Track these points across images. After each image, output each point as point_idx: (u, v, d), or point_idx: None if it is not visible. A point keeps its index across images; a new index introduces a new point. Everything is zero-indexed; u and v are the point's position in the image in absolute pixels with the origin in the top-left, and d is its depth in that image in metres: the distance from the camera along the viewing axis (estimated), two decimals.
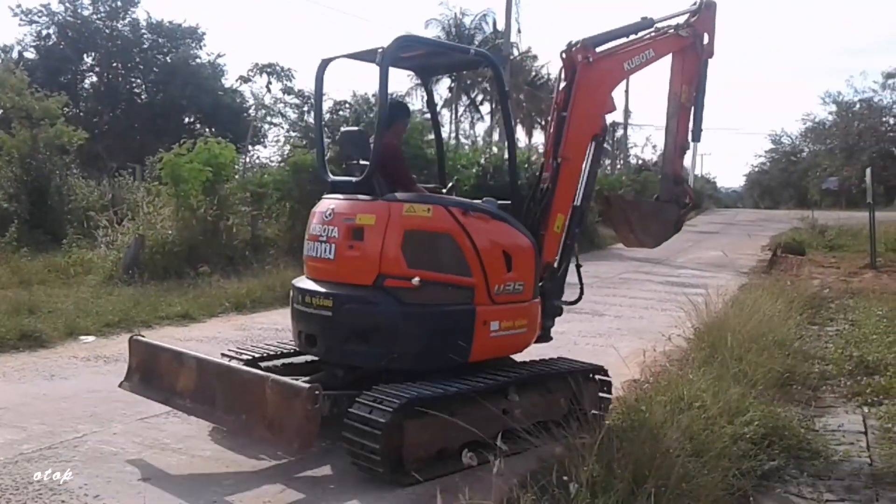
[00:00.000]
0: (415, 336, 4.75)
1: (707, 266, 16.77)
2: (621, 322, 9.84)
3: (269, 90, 17.66)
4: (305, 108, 17.39)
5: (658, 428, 4.16)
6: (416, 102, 41.60)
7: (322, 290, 4.91)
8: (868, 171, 20.79)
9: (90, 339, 8.44)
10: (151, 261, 12.34)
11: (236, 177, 15.47)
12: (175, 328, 9.22)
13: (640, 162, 49.17)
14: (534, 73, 53.40)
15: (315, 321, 4.92)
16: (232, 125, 28.99)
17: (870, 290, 13.04)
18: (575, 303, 5.97)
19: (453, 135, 39.44)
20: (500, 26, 32.96)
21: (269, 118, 18.20)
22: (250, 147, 18.60)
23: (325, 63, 5.66)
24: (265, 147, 18.71)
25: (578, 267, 5.90)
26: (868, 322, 9.32)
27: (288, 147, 16.93)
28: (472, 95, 52.07)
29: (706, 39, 6.33)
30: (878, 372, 7.04)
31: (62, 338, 8.30)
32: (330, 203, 5.08)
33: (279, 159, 17.02)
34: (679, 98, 6.32)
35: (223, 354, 5.68)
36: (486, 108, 52.39)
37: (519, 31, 39.08)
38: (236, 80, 30.50)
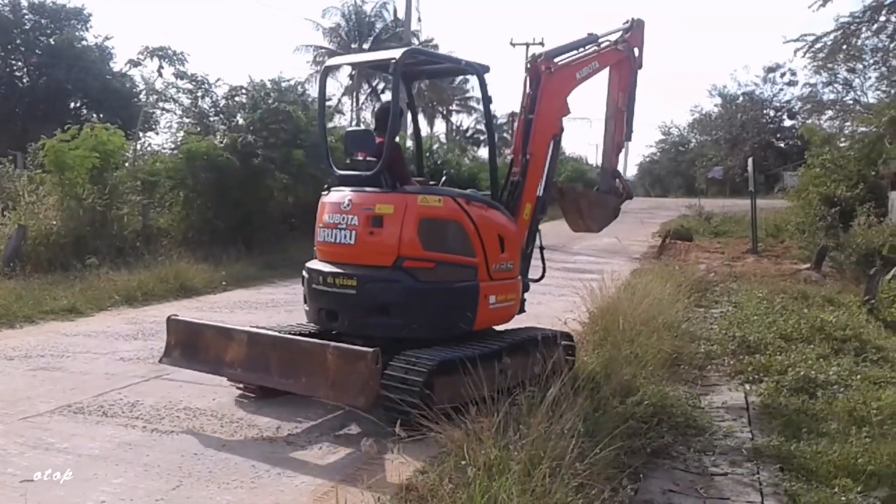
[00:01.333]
0: (430, 309, 5.43)
1: (602, 252, 17.27)
2: None
3: (160, 74, 16.92)
4: (199, 94, 16.75)
5: (553, 409, 4.27)
6: (316, 90, 41.05)
7: (345, 271, 5.52)
8: (750, 160, 21.93)
9: None
10: (35, 253, 11.70)
11: (126, 164, 14.80)
12: (60, 323, 8.79)
13: None
14: None
15: (338, 299, 5.54)
16: (121, 111, 27.76)
17: (751, 273, 13.78)
18: (539, 280, 6.65)
19: (354, 123, 38.99)
20: (402, 15, 32.74)
21: (160, 104, 17.46)
22: (141, 134, 17.83)
23: (327, 70, 6.68)
24: (157, 134, 18.10)
25: (542, 249, 6.66)
26: (750, 304, 9.84)
27: (181, 134, 16.29)
28: (374, 84, 51.72)
29: (637, 53, 7.31)
30: (759, 351, 7.45)
31: None
32: (345, 195, 5.68)
33: (172, 146, 16.36)
34: (616, 103, 7.22)
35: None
36: (386, 97, 52.04)
37: (419, 19, 39.10)
38: (125, 64, 29.19)
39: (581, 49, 6.69)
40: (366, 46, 48.36)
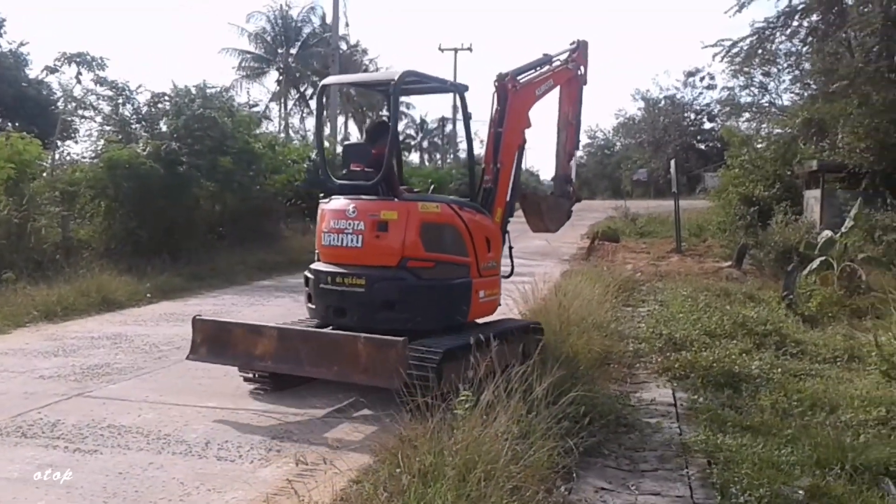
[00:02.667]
0: (431, 304, 6.01)
1: (533, 255, 17.45)
2: None
3: (79, 81, 16.31)
4: (120, 101, 16.24)
5: (487, 412, 4.29)
6: (242, 96, 40.39)
7: (354, 271, 6.05)
8: (672, 162, 22.54)
9: None
10: None
11: (44, 175, 14.27)
12: None
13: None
14: (364, 67, 53.23)
15: (347, 296, 6.06)
16: (38, 119, 26.63)
17: (676, 272, 14.16)
18: (508, 276, 7.13)
19: (282, 129, 38.53)
20: (330, 19, 32.50)
21: (80, 111, 16.85)
22: (59, 142, 17.18)
23: (324, 88, 7.40)
24: (77, 142, 17.40)
25: (510, 248, 7.15)
26: (675, 302, 10.10)
27: (102, 142, 15.76)
28: (302, 89, 51.18)
29: (582, 71, 8.02)
30: (685, 348, 7.65)
31: None
32: (348, 203, 6.18)
33: (93, 155, 15.81)
34: (567, 117, 7.92)
35: None
36: (315, 103, 51.52)
37: (347, 24, 38.84)
38: (42, 71, 27.99)
39: (538, 68, 7.32)
40: (293, 51, 47.88)
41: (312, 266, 6.44)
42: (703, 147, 59.08)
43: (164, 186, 14.35)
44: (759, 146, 20.04)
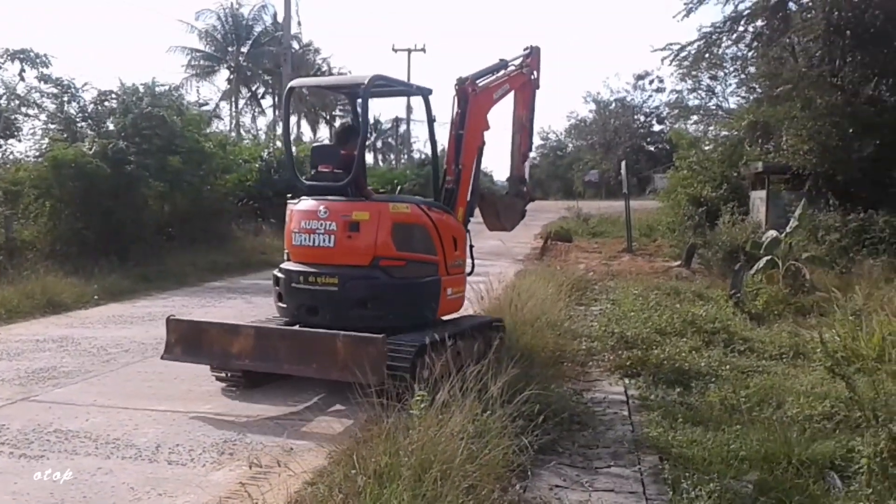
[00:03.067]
0: (403, 301, 6.18)
1: (487, 255, 17.43)
2: None
3: (22, 78, 15.86)
4: (65, 98, 15.83)
5: (443, 412, 4.29)
6: (192, 94, 39.74)
7: (326, 271, 6.14)
8: (623, 164, 22.90)
9: None
10: None
11: None
12: None
13: (424, 156, 50.31)
14: (317, 67, 52.80)
15: (319, 295, 6.15)
16: None
17: (627, 271, 14.36)
18: (469, 274, 7.29)
19: (233, 128, 38.00)
20: (281, 18, 32.16)
21: (23, 109, 16.37)
22: (2, 141, 16.65)
23: (291, 90, 7.38)
24: (20, 141, 16.89)
25: (471, 247, 7.34)
26: (626, 301, 10.23)
27: (46, 140, 15.34)
28: (253, 88, 50.57)
29: (535, 75, 8.20)
30: (636, 346, 7.75)
31: None
32: (319, 203, 6.25)
33: (37, 154, 15.37)
34: (521, 120, 8.13)
35: None
36: (267, 102, 51.01)
37: (299, 23, 38.47)
38: None
39: (495, 72, 7.51)
40: (244, 50, 47.29)
41: (283, 266, 6.50)
42: (652, 149, 59.98)
43: (111, 186, 14.04)
44: (706, 148, 20.42)
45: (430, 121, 7.27)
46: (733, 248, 13.24)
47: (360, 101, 6.69)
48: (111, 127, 15.70)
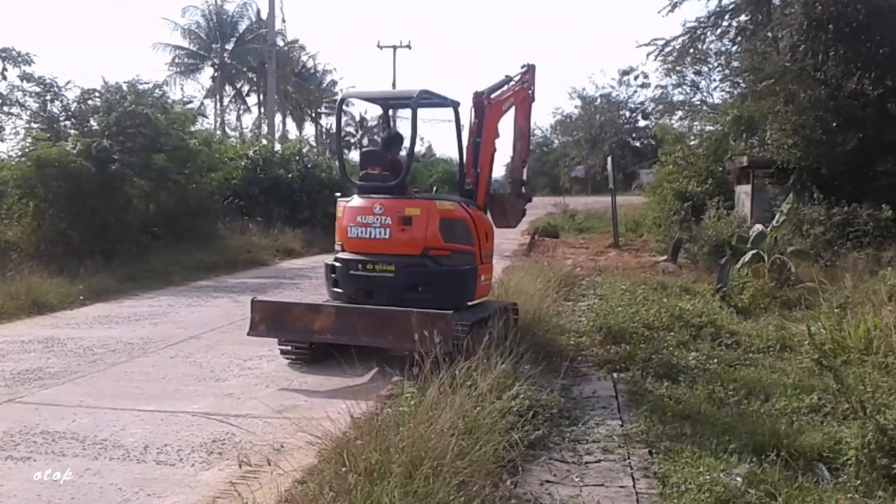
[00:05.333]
0: (447, 286, 7.00)
1: None
2: None
3: (4, 77, 15.66)
4: (48, 97, 15.67)
5: (433, 408, 4.29)
6: (176, 92, 39.49)
7: (382, 259, 7.04)
8: (609, 159, 22.92)
9: None
10: None
11: None
12: None
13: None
14: (302, 64, 52.63)
15: (376, 280, 7.04)
16: None
17: (614, 267, 14.41)
18: None
19: (218, 126, 37.75)
20: (266, 15, 32.02)
21: (5, 108, 16.19)
22: None
23: (343, 100, 8.97)
24: (2, 140, 16.67)
25: None
26: (614, 296, 10.27)
27: (29, 140, 15.19)
28: (238, 86, 50.35)
29: (532, 89, 9.01)
30: (625, 340, 7.80)
31: None
32: (373, 201, 7.13)
33: (20, 153, 15.21)
34: (521, 129, 8.94)
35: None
36: (252, 100, 50.81)
37: (284, 20, 38.36)
38: None
39: (503, 87, 8.33)
40: (228, 47, 47.08)
41: (338, 256, 7.36)
42: (638, 144, 60.20)
43: (95, 185, 13.92)
44: (691, 143, 20.52)
45: (459, 130, 7.94)
46: (719, 242, 13.31)
47: (401, 111, 7.85)
48: (95, 126, 15.55)
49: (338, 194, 7.79)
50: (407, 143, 8.30)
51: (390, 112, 8.58)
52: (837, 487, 4.26)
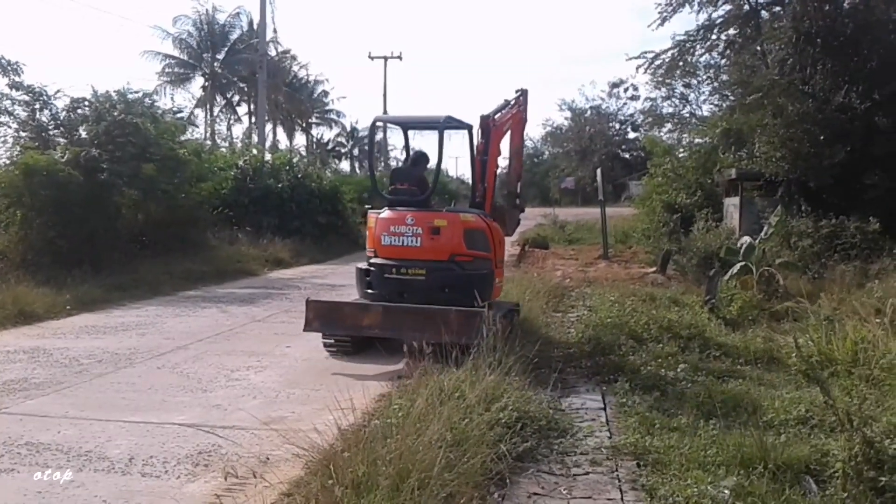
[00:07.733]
0: (470, 288, 7.43)
1: None
2: None
3: None
4: (37, 106, 15.63)
5: (421, 420, 4.27)
6: (166, 102, 39.39)
7: (414, 264, 7.98)
8: (599, 171, 23.01)
9: None
10: None
11: None
12: None
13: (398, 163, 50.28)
14: (293, 74, 52.60)
15: (408, 283, 7.98)
16: None
17: (603, 278, 14.43)
18: None
19: (208, 136, 37.65)
20: (257, 25, 32.02)
21: None
22: None
23: (375, 124, 10.33)
24: None
25: None
26: (603, 307, 10.27)
27: (18, 148, 15.13)
28: (229, 95, 50.23)
29: (525, 112, 10.01)
30: (613, 352, 7.79)
31: None
32: (405, 213, 8.10)
33: (7, 162, 15.14)
34: (516, 148, 9.94)
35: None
36: (243, 110, 50.73)
37: (275, 30, 38.37)
38: None
39: (503, 110, 9.29)
40: (219, 56, 47.00)
41: (372, 261, 8.26)
42: (627, 156, 60.51)
43: (83, 194, 13.86)
44: (680, 155, 20.63)
45: (473, 148, 8.72)
46: (707, 254, 13.34)
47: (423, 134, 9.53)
48: (84, 135, 15.49)
49: (367, 206, 8.83)
50: (432, 162, 9.09)
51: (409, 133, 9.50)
52: (825, 500, 4.26)
